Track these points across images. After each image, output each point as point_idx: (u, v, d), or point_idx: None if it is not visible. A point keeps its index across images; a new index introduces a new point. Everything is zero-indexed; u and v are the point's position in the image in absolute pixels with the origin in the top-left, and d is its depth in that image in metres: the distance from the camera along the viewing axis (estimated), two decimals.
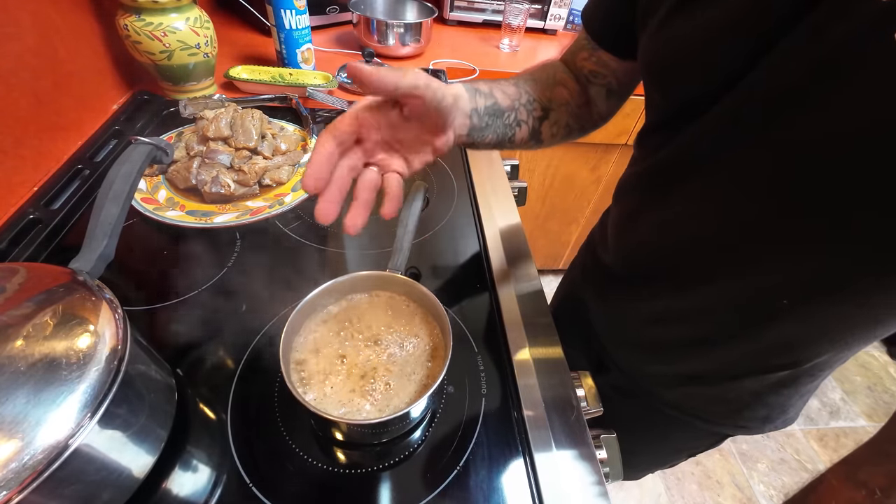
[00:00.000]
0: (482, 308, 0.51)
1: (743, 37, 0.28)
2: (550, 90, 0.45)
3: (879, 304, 0.31)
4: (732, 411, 0.47)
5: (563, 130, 0.46)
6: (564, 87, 0.46)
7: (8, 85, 0.52)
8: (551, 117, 0.45)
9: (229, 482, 0.35)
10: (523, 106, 0.42)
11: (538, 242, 1.55)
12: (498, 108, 0.40)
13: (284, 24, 0.79)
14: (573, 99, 0.46)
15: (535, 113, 0.43)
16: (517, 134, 0.43)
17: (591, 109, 0.48)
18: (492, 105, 0.39)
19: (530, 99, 0.43)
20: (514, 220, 0.63)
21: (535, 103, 0.43)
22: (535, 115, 0.43)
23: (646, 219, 0.42)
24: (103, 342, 0.30)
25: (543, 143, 0.46)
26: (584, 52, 0.46)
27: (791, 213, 0.30)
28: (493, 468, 0.38)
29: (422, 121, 0.33)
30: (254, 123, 0.62)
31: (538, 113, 0.44)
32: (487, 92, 0.40)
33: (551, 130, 0.45)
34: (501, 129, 0.41)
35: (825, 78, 0.25)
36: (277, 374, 0.42)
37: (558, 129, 0.46)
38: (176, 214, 0.55)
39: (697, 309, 0.41)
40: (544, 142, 0.46)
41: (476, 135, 0.39)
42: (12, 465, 0.24)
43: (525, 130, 0.43)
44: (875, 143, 0.24)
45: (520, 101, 0.42)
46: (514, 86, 0.43)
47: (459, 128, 0.37)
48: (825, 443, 1.42)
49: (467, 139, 0.38)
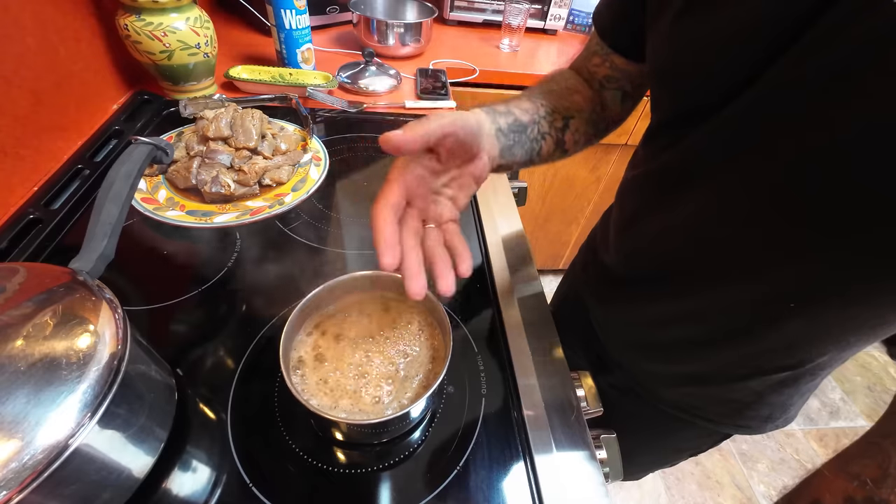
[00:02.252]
0: (482, 308, 0.51)
1: (755, 40, 0.28)
2: (566, 99, 0.45)
3: (885, 305, 0.31)
4: (734, 411, 0.47)
5: (583, 137, 0.46)
6: (579, 94, 0.46)
7: (8, 85, 0.52)
8: (572, 126, 0.45)
9: (229, 482, 0.35)
10: (543, 118, 0.42)
11: (538, 242, 1.55)
12: (520, 124, 0.40)
13: (284, 24, 0.79)
14: (588, 105, 0.46)
15: (556, 124, 0.43)
16: (543, 147, 0.43)
17: (606, 114, 0.48)
18: (513, 122, 0.40)
19: (548, 111, 0.43)
20: (514, 220, 0.63)
21: (554, 114, 0.43)
22: (556, 126, 0.43)
23: (649, 221, 0.42)
24: (103, 342, 0.30)
25: (568, 153, 0.46)
26: (597, 57, 0.46)
27: (796, 219, 0.30)
28: (493, 468, 0.38)
29: (456, 156, 0.34)
30: (254, 123, 0.62)
31: (559, 123, 0.44)
32: (505, 111, 0.40)
33: (574, 138, 0.45)
34: (528, 144, 0.41)
35: (839, 81, 0.25)
36: (277, 374, 0.42)
37: (580, 136, 0.46)
38: (176, 214, 0.55)
39: (699, 311, 0.41)
40: (569, 151, 0.46)
41: (507, 154, 0.39)
42: (12, 465, 0.24)
43: (550, 142, 0.43)
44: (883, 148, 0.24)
45: (539, 115, 0.42)
46: (528, 100, 0.43)
47: (490, 149, 0.37)
48: (825, 443, 1.42)
49: (501, 160, 0.39)
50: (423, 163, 0.33)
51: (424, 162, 0.33)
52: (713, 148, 0.33)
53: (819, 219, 0.29)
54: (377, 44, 0.97)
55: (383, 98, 0.87)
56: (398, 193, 0.31)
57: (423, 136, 0.29)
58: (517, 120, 0.40)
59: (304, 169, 0.65)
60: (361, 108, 0.82)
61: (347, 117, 0.81)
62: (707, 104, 0.33)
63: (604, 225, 0.55)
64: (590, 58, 0.47)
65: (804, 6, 0.25)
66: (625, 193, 0.48)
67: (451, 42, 1.15)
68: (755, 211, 0.32)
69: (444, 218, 0.35)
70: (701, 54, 0.31)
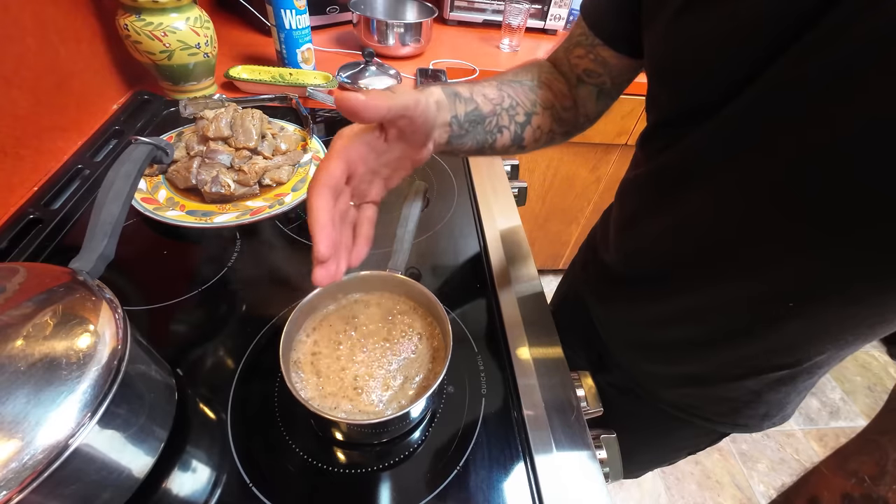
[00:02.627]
0: (482, 308, 0.51)
1: (756, 39, 0.28)
2: (534, 93, 0.44)
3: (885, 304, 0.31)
4: (732, 410, 0.47)
5: (545, 136, 0.45)
6: (549, 89, 0.45)
7: (8, 85, 0.52)
8: (534, 122, 0.44)
9: (229, 482, 0.35)
10: (505, 111, 0.41)
11: (538, 242, 1.55)
12: (479, 115, 0.39)
13: (284, 24, 0.79)
14: (558, 101, 0.45)
15: (517, 118, 0.42)
16: (498, 140, 0.42)
17: (577, 112, 0.47)
18: (472, 111, 0.38)
19: (513, 103, 0.42)
20: (514, 220, 0.63)
21: (517, 108, 0.42)
22: (517, 121, 0.42)
23: (649, 221, 0.42)
24: (103, 342, 0.30)
25: (526, 149, 0.45)
26: (580, 48, 0.45)
27: (797, 217, 0.30)
28: (493, 468, 0.38)
29: (404, 139, 0.32)
30: (254, 123, 0.62)
31: (521, 118, 0.42)
32: (468, 97, 0.38)
33: (534, 135, 0.44)
34: (482, 136, 0.40)
35: (841, 81, 0.25)
36: (277, 374, 0.42)
37: (541, 133, 0.45)
38: (176, 214, 0.55)
39: (699, 310, 0.41)
40: (527, 147, 0.45)
41: (455, 142, 0.38)
42: (12, 465, 0.24)
43: (507, 136, 0.42)
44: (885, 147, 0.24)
45: (502, 106, 0.41)
46: (496, 89, 0.41)
47: (439, 137, 0.36)
48: (825, 443, 1.42)
49: (446, 147, 0.37)
50: (369, 140, 0.30)
51: (370, 139, 0.30)
52: (713, 147, 0.33)
53: (820, 216, 0.29)
54: (377, 44, 0.97)
55: None
56: (341, 172, 0.29)
57: (386, 109, 0.27)
58: (477, 109, 0.39)
59: (305, 169, 0.65)
60: None
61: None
62: (707, 103, 0.32)
63: (604, 224, 0.55)
64: (572, 49, 0.46)
65: (807, 5, 0.25)
66: (624, 193, 0.48)
67: (451, 42, 1.15)
68: (756, 209, 0.32)
69: (368, 198, 0.33)
70: (701, 52, 0.31)
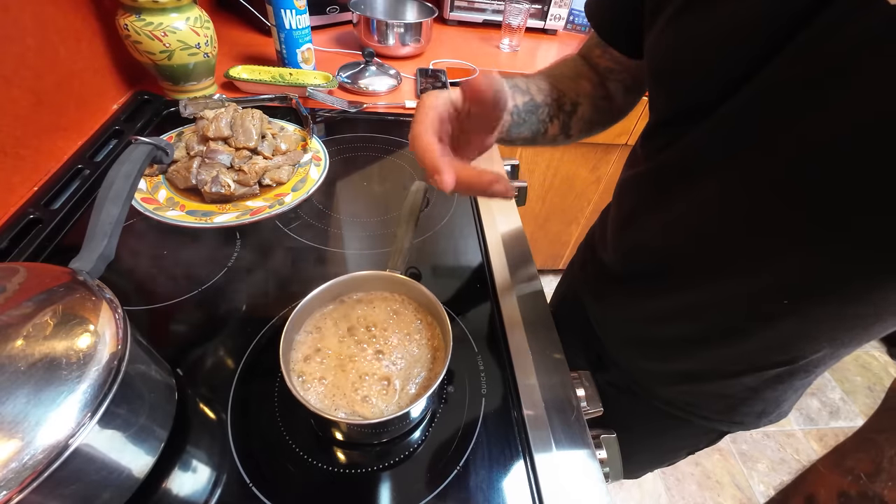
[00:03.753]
0: (482, 308, 0.51)
1: (755, 38, 0.28)
2: (576, 83, 0.46)
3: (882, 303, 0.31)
4: (728, 407, 0.47)
5: (587, 125, 0.47)
6: (588, 81, 0.47)
7: (8, 85, 0.52)
8: (579, 111, 0.45)
9: (229, 482, 0.35)
10: (556, 101, 0.43)
11: (538, 242, 1.55)
12: (534, 104, 0.41)
13: (284, 24, 0.79)
14: (595, 91, 0.47)
15: (565, 108, 0.44)
16: (549, 129, 0.43)
17: (611, 103, 0.48)
18: (529, 101, 0.40)
19: (561, 94, 0.44)
20: (514, 220, 0.63)
21: (564, 98, 0.44)
22: (565, 110, 0.44)
23: (648, 219, 0.42)
24: (103, 342, 0.30)
25: (571, 138, 0.47)
26: (598, 49, 0.46)
27: (797, 215, 0.30)
28: (493, 468, 0.38)
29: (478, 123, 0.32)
30: (254, 123, 0.62)
31: (568, 108, 0.44)
32: (524, 88, 0.40)
33: (579, 125, 0.46)
34: (536, 125, 0.42)
35: (836, 78, 0.25)
36: (277, 374, 0.42)
37: (583, 123, 0.46)
38: (176, 214, 0.55)
39: (695, 307, 0.41)
40: (573, 136, 0.47)
41: (513, 131, 0.40)
42: (12, 465, 0.24)
43: (556, 126, 0.44)
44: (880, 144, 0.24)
45: (552, 97, 0.43)
46: (545, 81, 0.43)
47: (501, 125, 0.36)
48: (825, 443, 1.42)
49: (505, 136, 0.39)
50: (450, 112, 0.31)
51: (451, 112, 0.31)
52: (713, 146, 0.33)
53: (821, 213, 0.29)
54: (377, 44, 0.97)
55: (383, 98, 0.87)
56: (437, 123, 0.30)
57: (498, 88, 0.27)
58: (533, 100, 0.40)
59: (304, 169, 0.65)
60: (361, 108, 0.82)
61: (347, 117, 0.81)
62: (705, 102, 0.33)
63: (602, 223, 0.55)
64: (592, 48, 0.47)
65: (801, 4, 0.26)
66: (623, 192, 0.48)
67: (451, 42, 1.15)
68: (755, 207, 0.32)
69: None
70: (701, 52, 0.31)
